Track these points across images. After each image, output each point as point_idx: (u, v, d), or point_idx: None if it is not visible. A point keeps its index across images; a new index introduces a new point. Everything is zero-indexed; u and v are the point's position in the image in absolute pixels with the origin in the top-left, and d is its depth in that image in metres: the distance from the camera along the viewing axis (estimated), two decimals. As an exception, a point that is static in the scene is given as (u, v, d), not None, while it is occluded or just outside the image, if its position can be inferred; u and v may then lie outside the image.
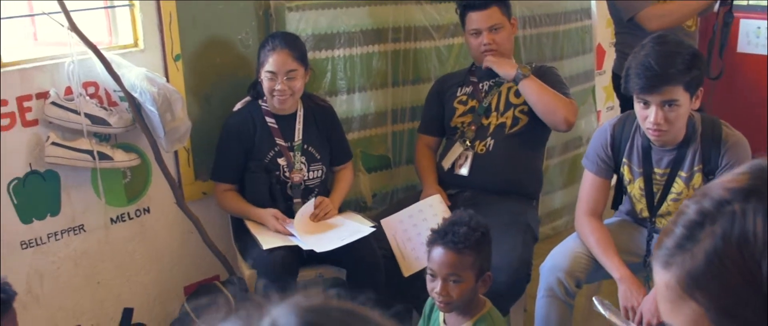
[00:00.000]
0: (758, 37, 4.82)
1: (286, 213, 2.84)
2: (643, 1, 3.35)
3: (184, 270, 3.12)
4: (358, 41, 3.22)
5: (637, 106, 2.43)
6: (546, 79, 3.00)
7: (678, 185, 2.53)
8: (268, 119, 2.89)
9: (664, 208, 2.58)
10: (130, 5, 2.79)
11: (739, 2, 4.59)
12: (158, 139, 2.74)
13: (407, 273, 2.81)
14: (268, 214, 2.82)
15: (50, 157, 2.61)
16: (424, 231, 2.58)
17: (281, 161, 2.88)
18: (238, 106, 2.95)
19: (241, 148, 2.88)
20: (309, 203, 2.83)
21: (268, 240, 2.72)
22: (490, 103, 3.06)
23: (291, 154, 2.89)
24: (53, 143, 2.61)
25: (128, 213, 2.92)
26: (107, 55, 2.65)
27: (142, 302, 3.03)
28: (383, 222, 2.88)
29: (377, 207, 3.37)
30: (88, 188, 2.79)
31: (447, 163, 3.07)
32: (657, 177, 2.57)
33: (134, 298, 3.00)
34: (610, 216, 2.86)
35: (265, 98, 2.88)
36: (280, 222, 2.80)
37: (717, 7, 3.47)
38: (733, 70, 4.57)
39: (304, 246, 2.71)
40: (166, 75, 2.84)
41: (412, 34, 3.37)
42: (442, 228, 2.12)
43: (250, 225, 2.86)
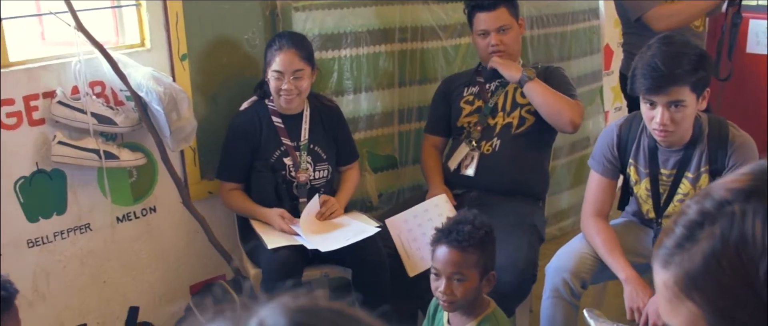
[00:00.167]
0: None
1: (291, 212, 2.84)
2: (650, 1, 3.33)
3: (190, 269, 3.12)
4: (364, 41, 3.22)
5: (644, 107, 2.41)
6: (552, 79, 2.99)
7: (684, 186, 2.52)
8: (274, 119, 2.89)
9: (670, 209, 2.57)
10: (137, 5, 2.79)
11: (749, 2, 4.55)
12: (164, 138, 2.75)
13: (412, 273, 2.80)
14: (274, 214, 2.83)
15: (57, 156, 2.62)
16: (429, 232, 2.56)
17: (287, 161, 2.88)
18: (244, 105, 2.96)
19: (248, 148, 2.88)
20: (314, 200, 2.83)
21: (273, 240, 2.72)
22: (497, 103, 3.06)
23: (297, 153, 2.89)
24: (60, 142, 2.62)
25: (134, 213, 2.92)
26: (114, 54, 2.65)
27: (148, 301, 3.03)
28: (388, 221, 2.87)
29: (383, 207, 3.37)
30: (94, 187, 2.79)
31: (453, 164, 3.06)
32: (663, 178, 2.55)
33: (140, 297, 3.01)
34: (617, 217, 2.85)
35: (271, 98, 2.88)
36: (286, 221, 2.80)
37: (725, 7, 3.44)
38: (742, 70, 4.53)
39: (310, 246, 2.71)
40: (172, 74, 2.85)
41: (419, 34, 3.37)
42: (446, 226, 2.12)
43: (255, 224, 2.86)
